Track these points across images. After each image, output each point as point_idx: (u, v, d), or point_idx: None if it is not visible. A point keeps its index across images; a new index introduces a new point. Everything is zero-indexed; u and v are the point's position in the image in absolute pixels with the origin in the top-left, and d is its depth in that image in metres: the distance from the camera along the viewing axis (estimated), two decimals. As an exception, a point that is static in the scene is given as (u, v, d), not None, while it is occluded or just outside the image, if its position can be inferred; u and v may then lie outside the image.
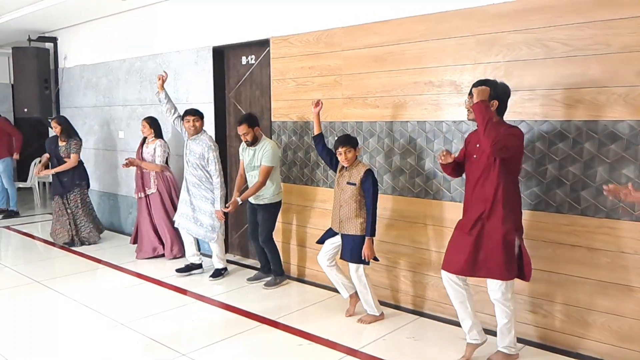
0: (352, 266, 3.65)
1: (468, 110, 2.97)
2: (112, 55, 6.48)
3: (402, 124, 3.89)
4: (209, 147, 4.56)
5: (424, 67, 3.74)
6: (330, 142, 4.35)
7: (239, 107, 5.27)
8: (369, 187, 3.54)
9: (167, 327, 3.70)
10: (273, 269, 4.53)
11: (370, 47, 4.00)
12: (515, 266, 2.93)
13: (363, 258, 3.58)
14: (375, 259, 3.68)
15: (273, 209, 4.43)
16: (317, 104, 3.94)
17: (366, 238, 3.57)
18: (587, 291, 3.18)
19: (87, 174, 6.06)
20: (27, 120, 8.48)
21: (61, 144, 5.87)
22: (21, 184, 8.40)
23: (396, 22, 3.85)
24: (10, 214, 7.58)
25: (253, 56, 5.04)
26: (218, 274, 4.75)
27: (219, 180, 4.58)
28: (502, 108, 2.93)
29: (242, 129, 4.25)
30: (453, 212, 3.62)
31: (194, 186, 4.67)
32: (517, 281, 3.41)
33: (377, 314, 3.73)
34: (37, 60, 7.02)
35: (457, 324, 3.65)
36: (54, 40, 7.40)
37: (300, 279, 4.68)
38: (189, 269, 4.87)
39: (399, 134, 3.92)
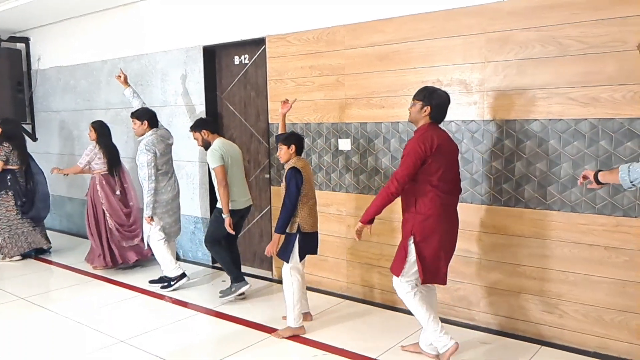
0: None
1: (410, 112, 3.10)
2: (92, 55, 6.18)
3: (409, 124, 3.78)
4: (141, 150, 4.44)
5: (431, 66, 3.66)
6: (333, 144, 4.24)
7: (232, 109, 5.09)
8: (287, 184, 3.44)
9: (172, 343, 3.51)
10: (229, 276, 4.22)
11: (375, 45, 3.90)
12: (401, 267, 3.00)
13: (266, 253, 3.53)
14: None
15: (219, 214, 4.07)
16: (286, 103, 3.95)
17: (273, 234, 3.50)
18: (604, 290, 3.16)
19: (5, 184, 5.52)
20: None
21: None
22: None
23: (402, 19, 3.76)
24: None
25: (247, 55, 4.87)
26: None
27: (146, 185, 4.41)
28: (435, 113, 3.01)
29: (193, 135, 4.20)
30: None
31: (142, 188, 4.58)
32: (533, 282, 3.38)
33: (294, 326, 3.52)
34: (9, 62, 6.64)
35: (471, 327, 3.61)
36: (25, 40, 7.03)
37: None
38: (161, 280, 4.62)
39: (406, 135, 3.83)
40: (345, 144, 4.16)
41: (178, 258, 5.45)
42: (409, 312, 3.86)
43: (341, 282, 4.33)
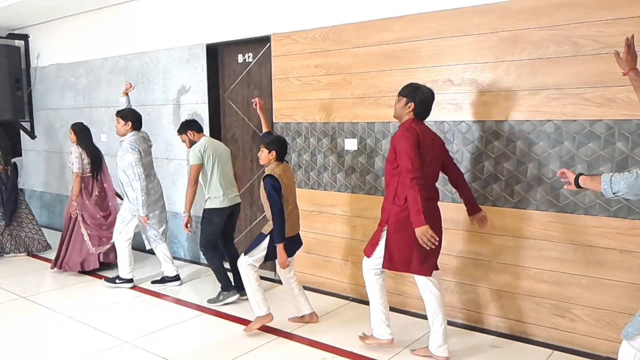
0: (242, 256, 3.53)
1: (394, 108, 3.13)
2: (92, 53, 6.09)
3: (418, 124, 3.74)
4: (126, 149, 4.38)
5: (441, 65, 3.60)
6: (340, 144, 4.18)
7: (235, 108, 5.02)
8: (267, 193, 3.41)
9: (178, 344, 3.44)
10: (219, 283, 4.17)
11: (382, 44, 3.83)
12: (372, 250, 3.14)
13: (282, 268, 3.48)
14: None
15: (207, 214, 4.08)
16: (255, 103, 4.13)
17: (276, 246, 3.40)
18: (617, 294, 3.11)
19: None
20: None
21: None
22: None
23: (409, 18, 3.70)
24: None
25: (250, 54, 4.80)
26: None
27: (138, 184, 4.35)
28: (420, 110, 3.04)
29: (180, 138, 4.25)
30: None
31: (123, 190, 4.54)
32: (544, 286, 3.33)
33: (260, 315, 3.50)
34: (7, 59, 6.55)
35: (481, 330, 3.56)
36: (25, 37, 6.94)
37: (306, 287, 4.47)
38: (163, 280, 4.64)
39: (415, 135, 3.77)
40: (351, 144, 4.10)
41: (180, 258, 5.40)
42: (416, 315, 3.85)
43: (346, 284, 4.27)
